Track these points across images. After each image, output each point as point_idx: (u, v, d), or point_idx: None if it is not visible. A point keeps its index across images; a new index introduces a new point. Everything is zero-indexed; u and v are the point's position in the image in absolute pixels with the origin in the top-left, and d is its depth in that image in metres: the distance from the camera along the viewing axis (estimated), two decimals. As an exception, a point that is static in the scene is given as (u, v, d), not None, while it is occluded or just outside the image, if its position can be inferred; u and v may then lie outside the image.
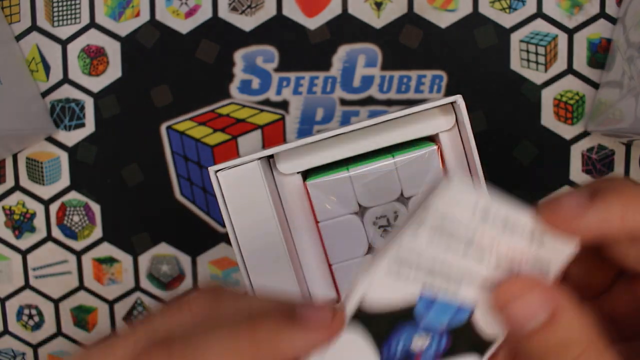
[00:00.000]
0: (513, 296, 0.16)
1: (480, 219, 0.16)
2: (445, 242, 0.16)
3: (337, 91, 0.38)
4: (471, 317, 0.18)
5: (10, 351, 0.41)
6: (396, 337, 0.17)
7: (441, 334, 0.18)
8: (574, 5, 0.37)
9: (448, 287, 0.17)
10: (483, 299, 0.17)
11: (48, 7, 0.38)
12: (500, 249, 0.16)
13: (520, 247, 0.16)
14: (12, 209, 0.40)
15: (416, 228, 0.16)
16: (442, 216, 0.16)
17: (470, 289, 0.17)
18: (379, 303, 0.17)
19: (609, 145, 0.38)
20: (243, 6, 0.38)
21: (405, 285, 0.17)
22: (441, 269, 0.17)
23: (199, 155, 0.39)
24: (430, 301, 0.17)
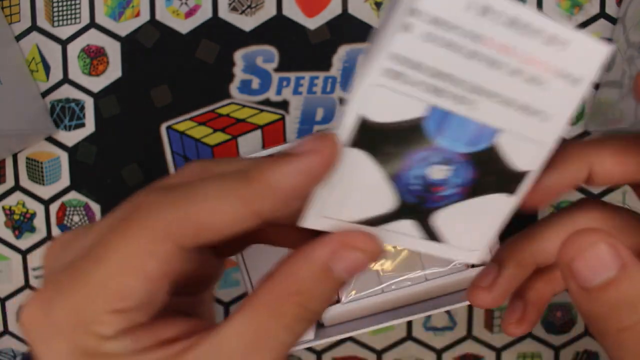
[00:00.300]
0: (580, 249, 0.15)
1: (480, 18, 0.14)
2: (445, 43, 0.14)
3: (337, 91, 0.38)
4: (496, 142, 0.15)
5: (10, 351, 0.41)
6: (410, 166, 0.16)
7: (463, 162, 0.16)
8: (574, 5, 0.37)
9: (462, 97, 0.14)
10: (507, 117, 0.15)
11: (48, 7, 0.38)
12: (515, 53, 0.14)
13: (538, 50, 0.14)
14: (12, 209, 0.40)
15: (405, 28, 0.13)
16: (434, 19, 0.13)
17: (490, 103, 0.15)
18: (381, 120, 0.15)
19: (609, 145, 0.38)
20: (243, 6, 0.38)
21: (409, 93, 0.14)
22: (448, 72, 0.14)
23: (199, 155, 0.39)
24: (442, 116, 0.15)
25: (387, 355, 0.40)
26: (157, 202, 0.15)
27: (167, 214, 0.15)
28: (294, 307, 0.15)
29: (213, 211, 0.14)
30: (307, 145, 0.15)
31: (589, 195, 0.38)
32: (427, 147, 0.15)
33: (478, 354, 0.40)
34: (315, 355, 0.40)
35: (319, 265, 0.15)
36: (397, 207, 0.16)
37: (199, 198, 0.15)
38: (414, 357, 0.40)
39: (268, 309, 0.15)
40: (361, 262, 0.16)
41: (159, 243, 0.14)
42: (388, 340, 0.40)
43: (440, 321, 0.40)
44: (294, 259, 0.16)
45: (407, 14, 0.13)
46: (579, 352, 0.39)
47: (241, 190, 0.14)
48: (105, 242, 0.15)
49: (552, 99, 0.15)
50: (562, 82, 0.15)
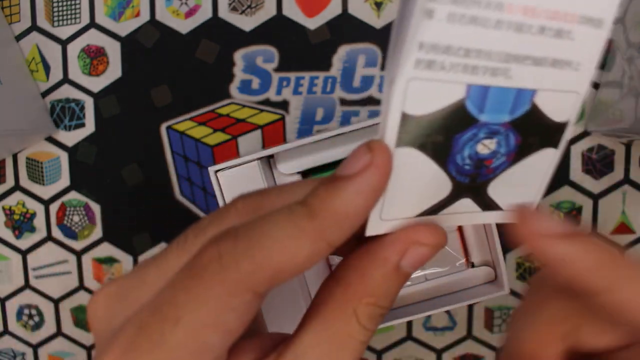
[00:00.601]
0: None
1: None
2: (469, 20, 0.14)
3: (337, 91, 0.38)
4: (534, 102, 0.16)
5: (10, 351, 0.41)
6: (459, 149, 0.16)
7: (507, 131, 0.16)
8: (574, 5, 0.37)
9: (495, 68, 0.14)
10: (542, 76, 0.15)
11: (48, 7, 0.38)
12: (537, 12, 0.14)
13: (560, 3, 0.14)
14: (12, 209, 0.40)
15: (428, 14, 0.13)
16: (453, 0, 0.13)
17: (522, 67, 0.15)
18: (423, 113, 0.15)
19: (609, 145, 0.38)
20: (243, 6, 0.38)
21: (445, 78, 0.14)
22: (478, 48, 0.14)
23: (199, 155, 0.39)
24: (481, 92, 0.15)
25: (387, 355, 0.40)
26: (229, 254, 0.14)
27: (242, 266, 0.14)
28: (368, 308, 0.16)
29: (287, 254, 0.14)
30: (360, 162, 0.14)
31: (589, 195, 0.38)
32: (472, 126, 0.15)
33: (478, 354, 0.40)
34: (315, 355, 0.40)
35: (391, 267, 0.16)
36: (452, 191, 0.16)
37: (270, 243, 0.14)
38: (414, 357, 0.40)
39: (343, 312, 0.16)
40: (427, 255, 0.16)
41: (238, 296, 0.14)
42: (388, 340, 0.40)
43: (440, 321, 0.40)
44: (363, 261, 0.16)
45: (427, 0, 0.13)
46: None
47: (309, 227, 0.14)
48: (178, 303, 0.14)
49: (579, 46, 0.15)
50: (585, 27, 0.15)
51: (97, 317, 0.17)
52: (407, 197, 0.16)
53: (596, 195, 0.38)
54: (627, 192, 0.38)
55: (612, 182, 0.38)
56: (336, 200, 0.14)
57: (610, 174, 0.38)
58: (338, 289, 0.16)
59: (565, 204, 0.38)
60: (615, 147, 0.38)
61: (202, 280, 0.14)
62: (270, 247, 0.14)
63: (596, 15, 0.15)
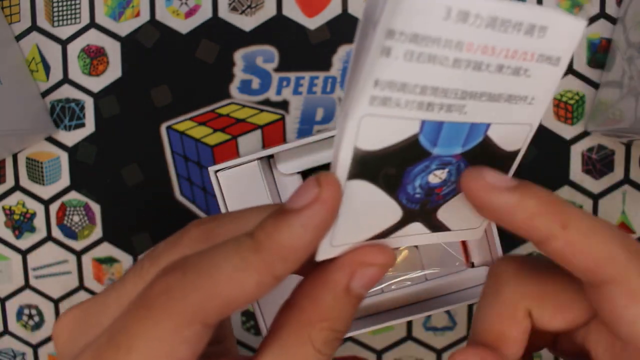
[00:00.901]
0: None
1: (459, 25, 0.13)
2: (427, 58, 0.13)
3: (337, 91, 0.38)
4: (487, 135, 0.16)
5: (10, 351, 0.41)
6: (410, 180, 0.16)
7: (458, 162, 0.16)
8: (574, 5, 0.37)
9: (450, 105, 0.14)
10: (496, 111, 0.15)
11: (48, 7, 0.38)
12: (497, 51, 0.14)
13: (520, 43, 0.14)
14: (12, 209, 0.40)
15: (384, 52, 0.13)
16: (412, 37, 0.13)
17: (478, 103, 0.15)
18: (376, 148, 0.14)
19: (609, 145, 0.38)
20: (243, 6, 0.38)
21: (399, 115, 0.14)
22: (434, 86, 0.14)
23: (199, 155, 0.39)
24: (435, 128, 0.15)
25: (387, 355, 0.40)
26: (178, 286, 0.15)
27: (190, 298, 0.14)
28: (322, 332, 0.16)
29: (234, 286, 0.14)
30: (307, 196, 0.14)
31: (589, 195, 0.38)
32: (424, 159, 0.15)
33: (478, 354, 0.40)
34: (315, 355, 0.40)
35: (340, 289, 0.16)
36: (402, 217, 0.17)
37: (217, 275, 0.14)
38: (414, 357, 0.40)
39: (298, 338, 0.16)
40: (377, 275, 0.16)
41: (187, 327, 0.15)
42: (388, 340, 0.40)
43: (440, 321, 0.40)
44: (314, 286, 0.16)
45: (384, 36, 0.13)
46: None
47: (255, 260, 0.14)
48: (130, 332, 0.15)
49: (535, 82, 0.15)
50: (543, 65, 0.15)
51: (60, 341, 0.17)
52: (358, 225, 0.16)
53: (596, 195, 0.38)
54: (627, 192, 0.38)
55: (612, 182, 0.38)
56: (282, 234, 0.14)
57: (610, 174, 0.38)
58: (293, 314, 0.16)
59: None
60: (615, 147, 0.38)
61: (152, 311, 0.15)
62: (217, 279, 0.14)
63: (555, 54, 0.15)
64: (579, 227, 0.15)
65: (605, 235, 0.15)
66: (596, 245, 0.15)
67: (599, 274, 0.15)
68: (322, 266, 0.16)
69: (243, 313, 0.40)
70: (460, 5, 0.13)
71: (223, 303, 0.15)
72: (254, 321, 0.40)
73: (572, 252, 0.15)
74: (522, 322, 0.18)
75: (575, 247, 0.15)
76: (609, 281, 0.15)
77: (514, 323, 0.18)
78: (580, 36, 0.15)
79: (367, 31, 0.13)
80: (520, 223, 0.15)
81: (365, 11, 0.13)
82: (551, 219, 0.15)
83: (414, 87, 0.14)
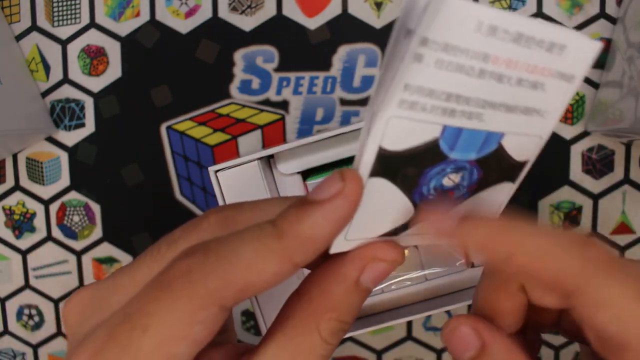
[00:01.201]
0: (448, 332, 0.18)
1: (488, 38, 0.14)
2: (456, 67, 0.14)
3: (337, 91, 0.38)
4: (501, 143, 0.17)
5: (10, 351, 0.41)
6: (426, 181, 0.17)
7: (472, 167, 0.17)
8: (574, 5, 0.37)
9: (471, 113, 0.15)
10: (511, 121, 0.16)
11: (48, 7, 0.38)
12: (519, 65, 0.15)
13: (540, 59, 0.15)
14: (12, 209, 0.40)
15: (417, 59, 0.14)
16: (444, 46, 0.14)
17: (496, 113, 0.16)
18: (398, 148, 0.15)
19: (609, 145, 0.38)
20: (243, 6, 0.38)
21: (424, 119, 0.15)
22: (458, 93, 0.15)
23: (199, 155, 0.39)
24: (455, 133, 0.16)
25: (387, 355, 0.40)
26: (198, 269, 0.15)
27: (210, 281, 0.15)
28: (330, 323, 0.16)
29: (254, 272, 0.15)
30: (331, 189, 0.15)
31: (589, 195, 0.38)
32: (442, 162, 0.16)
33: (478, 354, 0.40)
34: (315, 355, 0.40)
35: (351, 282, 0.16)
36: (414, 216, 0.17)
37: (238, 260, 0.15)
38: (414, 357, 0.40)
39: (306, 327, 0.16)
40: (387, 271, 0.17)
41: (205, 309, 0.15)
42: (388, 340, 0.40)
43: (440, 321, 0.40)
44: (325, 277, 0.17)
45: (419, 44, 0.13)
46: (579, 352, 0.39)
47: (276, 247, 0.15)
48: (147, 311, 0.15)
49: (549, 97, 0.16)
50: (558, 81, 0.16)
51: (70, 320, 0.17)
52: (372, 221, 0.17)
53: (596, 195, 0.38)
54: (627, 192, 0.38)
55: (612, 182, 0.38)
56: (304, 224, 0.15)
57: (610, 174, 0.38)
58: (302, 304, 0.17)
59: (565, 204, 0.38)
60: (615, 147, 0.38)
61: (171, 292, 0.15)
62: (237, 264, 0.15)
63: (570, 72, 0.16)
64: (526, 253, 0.16)
65: (555, 252, 0.16)
66: (549, 264, 0.16)
67: (560, 288, 0.16)
68: (333, 259, 0.17)
69: (243, 313, 0.40)
70: (491, 19, 0.14)
71: (241, 288, 0.15)
72: (254, 321, 0.40)
73: (530, 274, 0.16)
74: (515, 296, 0.18)
75: (530, 270, 0.16)
76: (571, 293, 0.16)
77: (507, 296, 0.18)
78: (594, 57, 0.16)
79: (401, 37, 0.14)
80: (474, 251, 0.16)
81: (401, 18, 0.14)
82: (495, 254, 0.16)
83: (440, 94, 0.15)
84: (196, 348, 0.15)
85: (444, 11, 0.13)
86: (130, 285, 0.17)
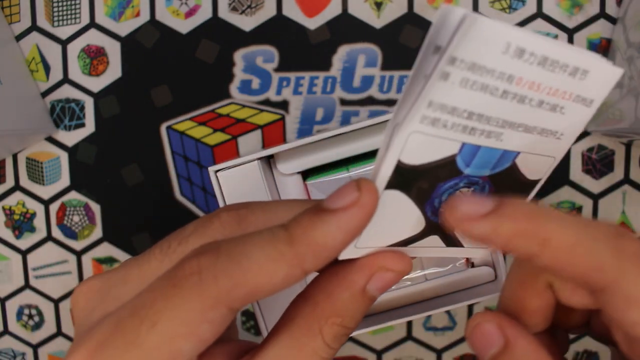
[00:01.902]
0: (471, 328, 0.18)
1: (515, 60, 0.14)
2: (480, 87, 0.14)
3: (337, 91, 0.38)
4: (515, 162, 0.17)
5: (10, 351, 0.41)
6: (438, 194, 0.17)
7: (484, 183, 0.17)
8: (574, 5, 0.37)
9: (490, 132, 0.15)
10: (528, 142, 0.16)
11: (48, 7, 0.38)
12: (542, 88, 0.15)
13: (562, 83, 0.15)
14: (12, 209, 0.40)
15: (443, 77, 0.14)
16: (471, 66, 0.14)
17: (514, 132, 0.16)
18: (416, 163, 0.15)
19: (609, 145, 0.38)
20: (243, 6, 0.38)
21: (444, 136, 0.15)
22: (480, 113, 0.15)
23: (199, 155, 0.39)
24: (472, 151, 0.16)
25: (387, 355, 0.40)
26: (210, 269, 0.15)
27: (220, 283, 0.15)
28: (334, 327, 0.16)
29: (264, 276, 0.15)
30: (347, 199, 0.15)
31: (589, 195, 0.38)
32: (455, 177, 0.16)
33: (478, 354, 0.40)
34: (315, 355, 0.40)
35: (357, 289, 0.17)
36: (424, 229, 0.17)
37: (249, 263, 0.15)
38: (414, 357, 0.40)
39: (309, 330, 0.16)
40: (392, 280, 0.17)
41: (214, 310, 0.15)
42: (388, 340, 0.40)
43: (440, 321, 0.40)
44: (331, 282, 0.17)
45: (447, 62, 0.13)
46: (579, 352, 0.39)
47: (288, 253, 0.15)
48: (156, 307, 0.15)
49: (567, 120, 0.16)
50: (577, 105, 0.16)
51: (78, 308, 0.18)
52: (384, 231, 0.17)
53: (596, 195, 0.38)
54: (627, 192, 0.38)
55: (612, 182, 0.38)
56: (317, 232, 0.15)
57: (610, 174, 0.38)
58: (307, 307, 0.17)
59: (565, 204, 0.38)
60: (615, 147, 0.38)
61: (181, 290, 0.15)
62: (248, 267, 0.15)
63: (590, 97, 0.16)
64: (560, 242, 0.15)
65: (589, 244, 0.15)
66: (581, 257, 0.15)
67: (590, 284, 0.15)
68: (342, 265, 0.17)
69: (243, 313, 0.40)
70: (519, 42, 0.14)
71: (251, 290, 0.15)
72: (254, 321, 0.40)
73: (558, 267, 0.15)
74: (542, 294, 0.18)
75: (560, 262, 0.15)
76: (602, 289, 0.15)
77: (535, 294, 0.18)
78: (614, 83, 0.16)
79: (430, 52, 0.14)
80: (501, 248, 0.16)
81: (431, 33, 0.14)
82: (529, 239, 0.15)
83: (462, 112, 0.15)
84: (202, 346, 0.15)
85: (474, 31, 0.13)
86: (140, 278, 0.17)
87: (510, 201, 0.15)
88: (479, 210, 0.15)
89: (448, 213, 0.16)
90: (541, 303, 0.18)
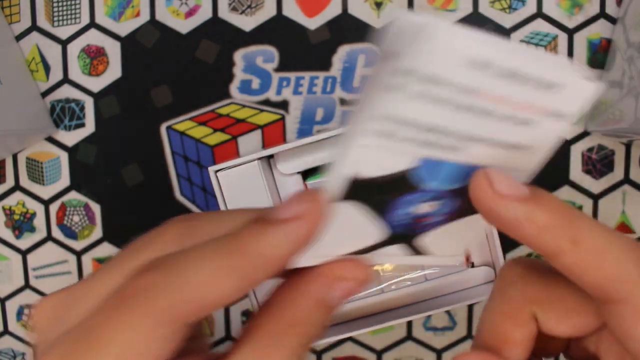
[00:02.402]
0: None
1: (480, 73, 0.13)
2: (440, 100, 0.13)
3: (337, 91, 0.38)
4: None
5: (10, 351, 0.41)
6: (402, 206, 0.16)
7: (451, 195, 0.16)
8: (574, 5, 0.37)
9: (452, 146, 0.14)
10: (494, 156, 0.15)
11: (48, 7, 0.38)
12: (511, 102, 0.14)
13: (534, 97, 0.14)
14: (12, 209, 0.40)
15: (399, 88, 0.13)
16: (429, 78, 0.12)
17: (479, 146, 0.15)
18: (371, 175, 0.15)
19: (609, 145, 0.38)
20: (243, 6, 0.38)
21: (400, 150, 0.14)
22: (440, 126, 0.14)
23: (199, 155, 0.39)
24: (434, 165, 0.15)
25: (387, 355, 0.40)
26: (155, 286, 0.15)
27: (167, 298, 0.15)
28: (295, 337, 0.16)
29: (211, 289, 0.15)
30: (294, 209, 0.15)
31: (589, 195, 0.38)
32: (418, 190, 0.15)
33: (478, 354, 0.40)
34: (315, 356, 0.40)
35: (315, 299, 0.16)
36: (388, 238, 0.17)
37: (195, 277, 0.15)
38: (414, 357, 0.40)
39: (271, 339, 0.16)
40: (353, 289, 0.17)
41: (164, 326, 0.15)
42: (388, 340, 0.40)
43: (440, 321, 0.40)
44: (290, 292, 0.17)
45: (401, 73, 0.12)
46: None
47: (234, 264, 0.15)
48: (107, 327, 0.15)
49: (539, 134, 0.15)
50: (552, 119, 0.15)
51: (39, 326, 0.17)
52: (342, 239, 0.16)
53: (596, 195, 0.38)
54: (627, 192, 0.38)
55: (612, 182, 0.38)
56: (264, 242, 0.15)
57: (610, 174, 0.38)
58: (269, 317, 0.17)
59: (565, 204, 0.38)
60: (615, 147, 0.38)
61: (130, 309, 0.15)
62: (194, 281, 0.15)
63: (565, 111, 0.15)
64: (590, 244, 0.15)
65: (618, 253, 0.15)
66: (607, 264, 0.15)
67: (608, 293, 0.15)
68: (302, 273, 0.17)
69: (243, 313, 0.40)
70: (485, 54, 0.12)
71: (199, 305, 0.15)
72: (254, 321, 0.40)
73: (582, 270, 0.15)
74: (526, 325, 0.17)
75: (585, 264, 0.15)
76: (618, 300, 0.15)
77: (518, 325, 0.17)
78: (591, 99, 0.15)
79: (385, 63, 0.13)
80: (528, 237, 0.15)
81: (386, 44, 0.13)
82: (562, 234, 0.15)
83: (419, 125, 0.14)
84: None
85: (434, 41, 0.12)
86: (93, 295, 0.17)
87: (546, 193, 0.15)
88: (517, 193, 0.15)
89: (478, 187, 0.15)
90: (523, 335, 0.18)
